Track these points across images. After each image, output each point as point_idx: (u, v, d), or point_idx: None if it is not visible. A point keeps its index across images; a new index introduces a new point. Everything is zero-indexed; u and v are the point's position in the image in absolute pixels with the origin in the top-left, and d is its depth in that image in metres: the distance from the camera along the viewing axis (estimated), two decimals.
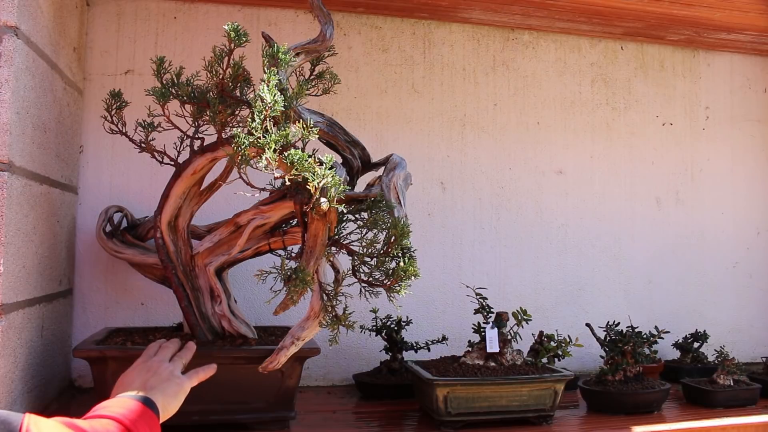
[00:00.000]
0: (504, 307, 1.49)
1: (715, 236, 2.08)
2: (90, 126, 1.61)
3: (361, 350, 1.74)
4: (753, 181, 2.13)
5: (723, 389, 1.52)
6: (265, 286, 1.01)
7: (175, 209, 1.27)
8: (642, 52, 2.05)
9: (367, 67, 1.82)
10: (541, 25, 1.92)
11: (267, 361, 1.15)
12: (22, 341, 1.18)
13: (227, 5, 1.73)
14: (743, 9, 1.77)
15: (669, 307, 2.01)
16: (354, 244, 1.11)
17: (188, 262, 1.29)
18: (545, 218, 1.93)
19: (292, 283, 1.00)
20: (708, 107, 2.11)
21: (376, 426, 1.34)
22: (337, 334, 1.09)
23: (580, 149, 1.98)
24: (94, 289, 1.60)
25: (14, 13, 1.10)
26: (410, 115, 1.84)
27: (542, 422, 1.33)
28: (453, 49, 1.89)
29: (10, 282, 1.11)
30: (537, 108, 1.95)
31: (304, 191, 1.00)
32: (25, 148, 1.17)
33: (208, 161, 1.23)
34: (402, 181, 1.24)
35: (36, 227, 1.24)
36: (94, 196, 1.60)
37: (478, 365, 1.37)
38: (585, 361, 1.85)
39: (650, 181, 2.03)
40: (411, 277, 1.03)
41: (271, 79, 1.00)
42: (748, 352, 2.07)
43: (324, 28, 1.24)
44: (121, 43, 1.66)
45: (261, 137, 0.96)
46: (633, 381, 1.48)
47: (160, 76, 1.21)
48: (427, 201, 1.84)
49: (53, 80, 1.35)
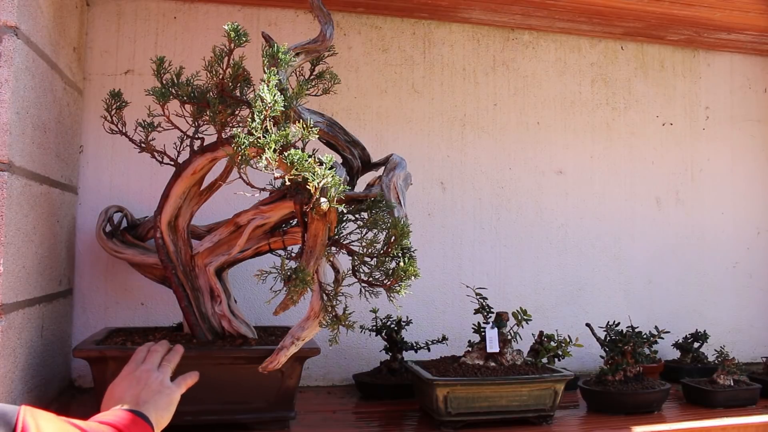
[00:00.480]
0: (504, 307, 1.49)
1: (715, 236, 2.08)
2: (90, 126, 1.61)
3: (361, 350, 1.74)
4: (753, 181, 2.13)
5: (723, 389, 1.52)
6: (265, 286, 1.01)
7: (175, 209, 1.27)
8: (642, 52, 2.05)
9: (367, 67, 1.82)
10: (541, 25, 1.92)
11: (267, 361, 1.15)
12: (22, 341, 1.18)
13: (227, 5, 1.73)
14: (743, 9, 1.77)
15: (669, 307, 2.01)
16: (354, 244, 1.11)
17: (188, 262, 1.29)
18: (545, 218, 1.93)
19: (292, 283, 1.00)
20: (708, 107, 2.11)
21: (376, 426, 1.34)
22: (337, 334, 1.09)
23: (580, 149, 1.98)
24: (94, 289, 1.60)
25: (14, 13, 1.10)
26: (410, 115, 1.84)
27: (542, 422, 1.33)
28: (453, 49, 1.89)
29: (10, 282, 1.11)
30: (537, 108, 1.95)
31: (304, 191, 1.00)
32: (25, 148, 1.17)
33: (208, 161, 1.23)
34: (402, 181, 1.24)
35: (36, 227, 1.24)
36: (94, 196, 1.60)
37: (478, 365, 1.37)
38: (585, 361, 1.85)
39: (650, 181, 2.03)
40: (411, 277, 1.03)
41: (271, 79, 1.00)
42: (748, 352, 2.07)
43: (324, 28, 1.24)
44: (121, 43, 1.66)
45: (261, 137, 0.96)
46: (633, 381, 1.48)
47: (160, 76, 1.21)
48: (427, 201, 1.84)
49: (53, 80, 1.35)
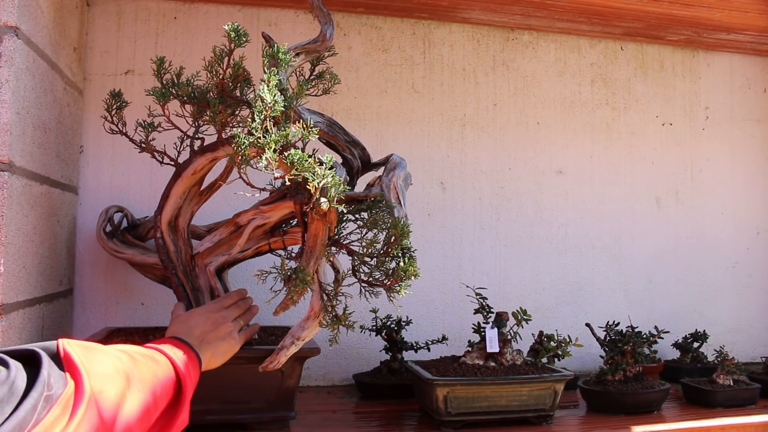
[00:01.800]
0: (504, 307, 1.49)
1: (715, 236, 2.08)
2: (90, 126, 1.61)
3: (361, 350, 1.74)
4: (753, 181, 2.13)
5: (723, 389, 1.52)
6: (265, 286, 1.01)
7: (175, 209, 1.27)
8: (642, 52, 2.05)
9: (367, 67, 1.82)
10: (541, 25, 1.92)
11: (267, 361, 1.15)
12: (22, 341, 1.18)
13: (227, 5, 1.73)
14: (743, 9, 1.77)
15: (669, 307, 2.01)
16: (354, 244, 1.11)
17: (188, 262, 1.29)
18: (545, 218, 1.93)
19: (292, 283, 1.00)
20: (708, 107, 2.11)
21: (376, 426, 1.34)
22: (337, 334, 1.09)
23: (580, 149, 1.98)
24: (94, 289, 1.60)
25: (14, 13, 1.10)
26: (410, 115, 1.85)
27: (542, 422, 1.33)
28: (453, 49, 1.89)
29: (10, 282, 1.11)
30: (537, 108, 1.95)
31: (304, 191, 1.00)
32: (26, 148, 1.17)
33: (208, 161, 1.23)
34: (402, 181, 1.24)
35: (36, 227, 1.24)
36: (94, 196, 1.60)
37: (478, 365, 1.37)
38: (585, 361, 1.85)
39: (650, 181, 2.03)
40: (411, 277, 1.03)
41: (271, 79, 1.00)
42: (748, 352, 2.07)
43: (324, 28, 1.24)
44: (121, 43, 1.66)
45: (261, 137, 0.96)
46: (633, 381, 1.48)
47: (160, 76, 1.21)
48: (427, 201, 1.84)
49: (53, 80, 1.35)
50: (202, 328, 1.05)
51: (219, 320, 1.08)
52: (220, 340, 1.05)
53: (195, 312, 1.10)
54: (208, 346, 1.02)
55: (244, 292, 1.22)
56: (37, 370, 0.57)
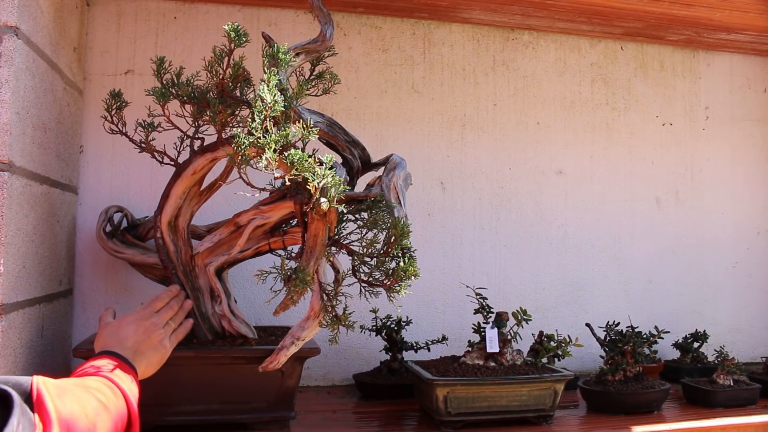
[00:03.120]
0: (504, 307, 1.49)
1: (715, 236, 2.08)
2: (90, 126, 1.61)
3: (361, 350, 1.74)
4: (753, 181, 2.13)
5: (723, 389, 1.52)
6: (265, 286, 1.01)
7: (175, 209, 1.27)
8: (642, 52, 2.05)
9: (367, 67, 1.82)
10: (541, 25, 1.92)
11: (267, 361, 1.15)
12: (22, 341, 1.18)
13: (227, 5, 1.73)
14: (743, 9, 1.77)
15: (669, 307, 2.01)
16: (354, 244, 1.11)
17: (188, 262, 1.29)
18: (545, 218, 1.93)
19: (292, 283, 1.00)
20: (708, 107, 2.11)
21: (376, 426, 1.34)
22: (337, 334, 1.09)
23: (580, 149, 1.98)
24: (94, 289, 1.60)
25: (14, 13, 1.10)
26: (410, 115, 1.85)
27: (542, 422, 1.33)
28: (453, 49, 1.89)
29: (10, 282, 1.11)
30: (537, 108, 1.95)
31: (304, 191, 1.00)
32: (26, 148, 1.17)
33: (208, 161, 1.23)
34: (402, 181, 1.24)
35: (36, 227, 1.24)
36: (94, 196, 1.60)
37: (478, 365, 1.37)
38: (585, 361, 1.85)
39: (650, 181, 2.03)
40: (411, 277, 1.03)
41: (271, 79, 1.00)
42: (748, 352, 2.07)
43: (324, 28, 1.24)
44: (121, 43, 1.66)
45: (261, 137, 0.96)
46: (633, 381, 1.48)
47: (160, 76, 1.21)
48: (427, 201, 1.84)
49: (53, 80, 1.35)
50: (134, 338, 1.01)
51: (150, 328, 1.05)
52: (153, 350, 1.02)
53: (125, 320, 1.05)
54: (141, 357, 0.99)
55: (175, 290, 1.18)
56: (7, 413, 0.57)
